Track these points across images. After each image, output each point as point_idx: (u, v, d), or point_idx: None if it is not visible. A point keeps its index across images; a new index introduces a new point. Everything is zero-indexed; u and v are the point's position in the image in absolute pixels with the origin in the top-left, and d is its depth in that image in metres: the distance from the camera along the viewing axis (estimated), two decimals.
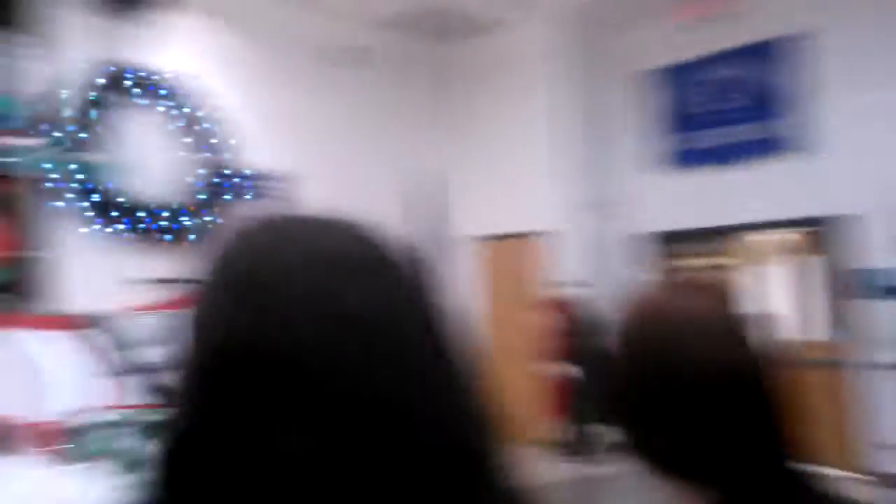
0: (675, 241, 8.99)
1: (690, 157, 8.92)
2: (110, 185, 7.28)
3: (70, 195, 7.20)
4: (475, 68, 9.94)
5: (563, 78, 9.21)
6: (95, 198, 7.25)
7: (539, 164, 9.22)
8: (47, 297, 7.14)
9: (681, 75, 8.99)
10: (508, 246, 9.58)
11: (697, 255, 8.89)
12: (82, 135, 7.24)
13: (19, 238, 5.46)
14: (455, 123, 10.01)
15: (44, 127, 6.97)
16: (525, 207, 9.33)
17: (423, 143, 9.49)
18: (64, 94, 7.26)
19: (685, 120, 8.97)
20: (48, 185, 7.09)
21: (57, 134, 7.12)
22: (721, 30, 8.58)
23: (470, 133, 9.95)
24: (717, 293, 1.03)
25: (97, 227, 7.33)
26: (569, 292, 8.54)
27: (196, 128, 7.90)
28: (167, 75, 7.79)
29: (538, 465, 7.18)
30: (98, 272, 7.20)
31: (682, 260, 8.91)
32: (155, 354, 5.50)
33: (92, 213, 7.29)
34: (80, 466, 4.76)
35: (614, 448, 7.10)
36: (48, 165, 6.40)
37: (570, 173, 9.12)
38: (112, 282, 7.10)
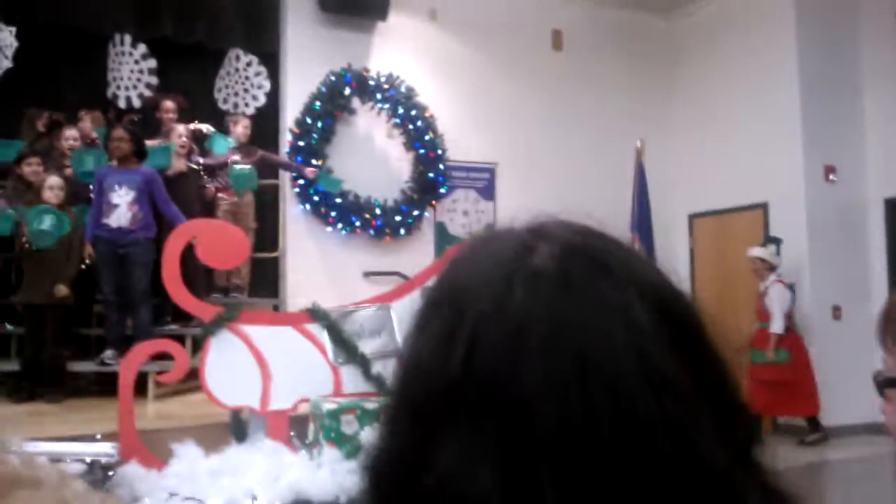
0: None
1: None
2: (332, 187, 7.62)
3: (300, 199, 7.67)
4: (697, 36, 9.19)
5: (802, 30, 8.02)
6: (317, 199, 7.64)
7: (771, 130, 8.18)
8: (275, 293, 7.66)
9: None
10: (728, 221, 8.73)
11: None
12: (306, 142, 7.66)
13: (249, 241, 5.85)
14: (664, 96, 9.35)
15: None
16: (750, 178, 8.33)
17: (636, 121, 8.86)
18: (289, 105, 7.75)
19: None
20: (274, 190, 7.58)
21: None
22: None
23: (685, 103, 9.26)
24: None
25: (319, 225, 7.71)
26: None
27: (410, 126, 8.06)
28: (382, 78, 8.00)
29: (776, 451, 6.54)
30: (321, 268, 7.59)
31: None
32: (372, 345, 5.63)
33: (315, 214, 7.69)
34: (307, 453, 4.97)
35: None
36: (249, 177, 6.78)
37: (808, 137, 8.01)
38: (334, 277, 7.45)
